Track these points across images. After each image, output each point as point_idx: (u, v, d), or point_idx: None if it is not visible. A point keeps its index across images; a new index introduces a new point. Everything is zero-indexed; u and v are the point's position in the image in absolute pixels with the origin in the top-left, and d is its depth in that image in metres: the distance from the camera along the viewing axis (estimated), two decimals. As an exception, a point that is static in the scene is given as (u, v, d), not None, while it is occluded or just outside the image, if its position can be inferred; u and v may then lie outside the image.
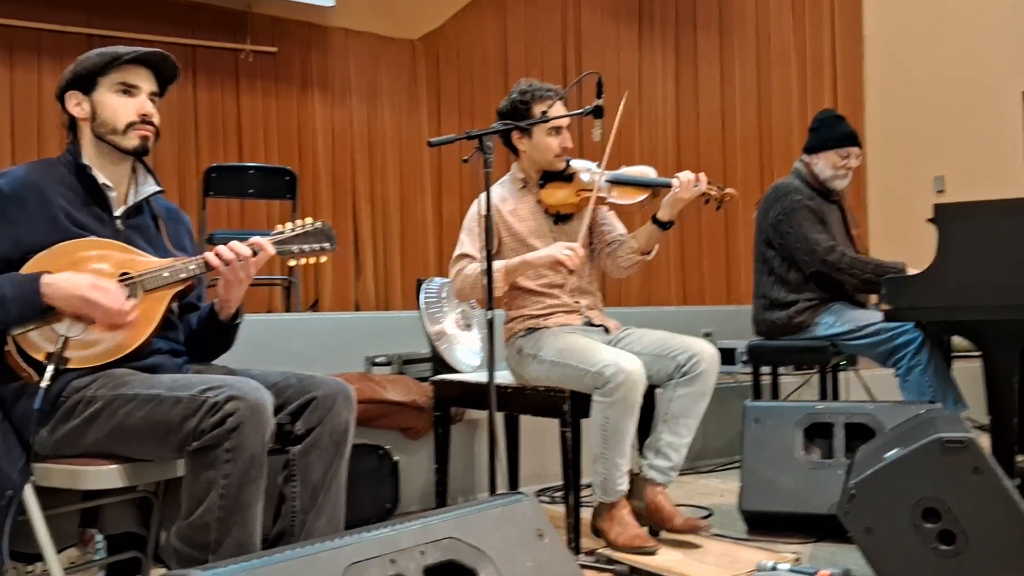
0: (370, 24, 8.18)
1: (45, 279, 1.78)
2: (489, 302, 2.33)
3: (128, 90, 1.95)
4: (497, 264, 2.67)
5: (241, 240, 1.96)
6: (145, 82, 1.97)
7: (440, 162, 8.35)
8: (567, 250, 2.58)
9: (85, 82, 1.94)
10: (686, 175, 2.72)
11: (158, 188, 2.04)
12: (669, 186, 2.74)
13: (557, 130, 2.79)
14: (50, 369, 1.77)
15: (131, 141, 1.95)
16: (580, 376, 2.57)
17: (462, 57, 8.27)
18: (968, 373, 3.38)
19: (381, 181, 8.20)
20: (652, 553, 2.50)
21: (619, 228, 2.98)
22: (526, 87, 2.80)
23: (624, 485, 2.58)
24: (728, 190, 2.81)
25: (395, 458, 3.12)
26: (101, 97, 1.94)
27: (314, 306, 7.22)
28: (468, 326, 3.55)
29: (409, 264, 8.23)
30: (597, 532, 2.65)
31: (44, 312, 1.79)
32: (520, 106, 2.77)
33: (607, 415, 2.50)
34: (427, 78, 8.50)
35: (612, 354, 2.54)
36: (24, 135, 6.67)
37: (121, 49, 1.95)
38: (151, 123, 1.96)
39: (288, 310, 5.34)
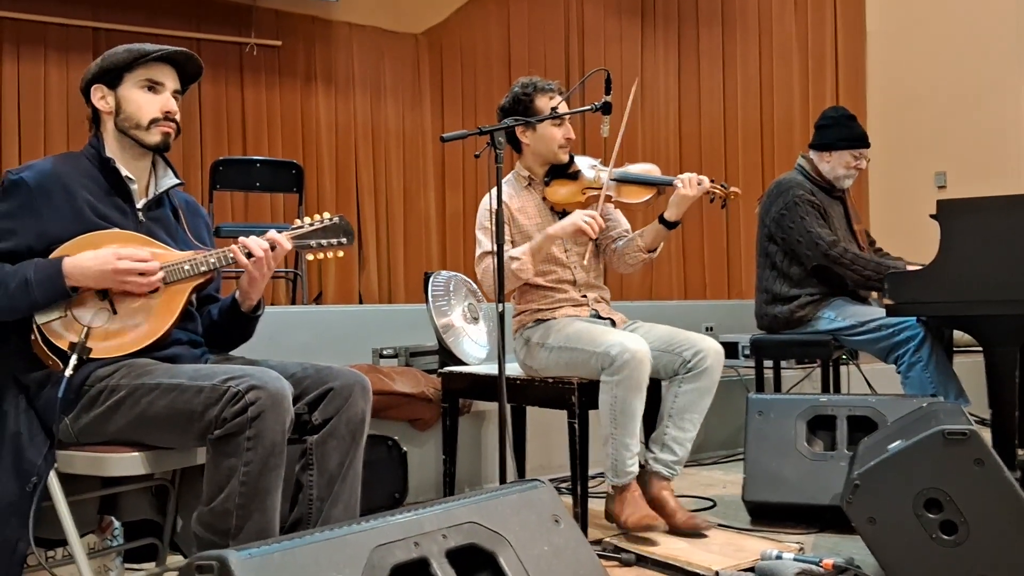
0: (373, 18, 8.21)
1: (67, 261, 1.81)
2: (499, 295, 2.36)
3: (153, 87, 1.99)
4: (522, 248, 2.72)
5: (258, 234, 2.01)
6: (169, 79, 2.02)
7: (443, 156, 8.38)
8: (587, 217, 2.64)
9: (111, 77, 1.98)
10: (687, 175, 2.76)
11: (178, 181, 2.08)
12: (671, 184, 2.78)
13: (560, 121, 2.84)
14: (73, 358, 1.81)
15: (154, 137, 2.00)
16: (587, 359, 2.61)
17: (465, 51, 8.30)
18: (970, 368, 3.43)
19: (384, 174, 8.24)
20: (657, 529, 2.55)
21: (624, 224, 3.02)
22: (527, 80, 2.86)
23: (634, 467, 2.61)
24: (732, 188, 2.84)
25: (404, 449, 3.16)
26: (126, 92, 1.98)
27: (318, 299, 7.27)
28: (475, 319, 3.59)
29: (412, 257, 8.27)
30: (610, 517, 2.67)
31: (67, 294, 1.82)
32: (523, 98, 2.82)
33: (615, 394, 2.54)
34: (430, 72, 8.53)
35: (618, 336, 2.59)
36: (30, 128, 6.70)
37: (148, 47, 1.99)
38: (173, 120, 2.01)
39: (293, 302, 5.39)
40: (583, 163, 2.91)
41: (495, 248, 2.36)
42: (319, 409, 1.91)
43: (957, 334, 3.44)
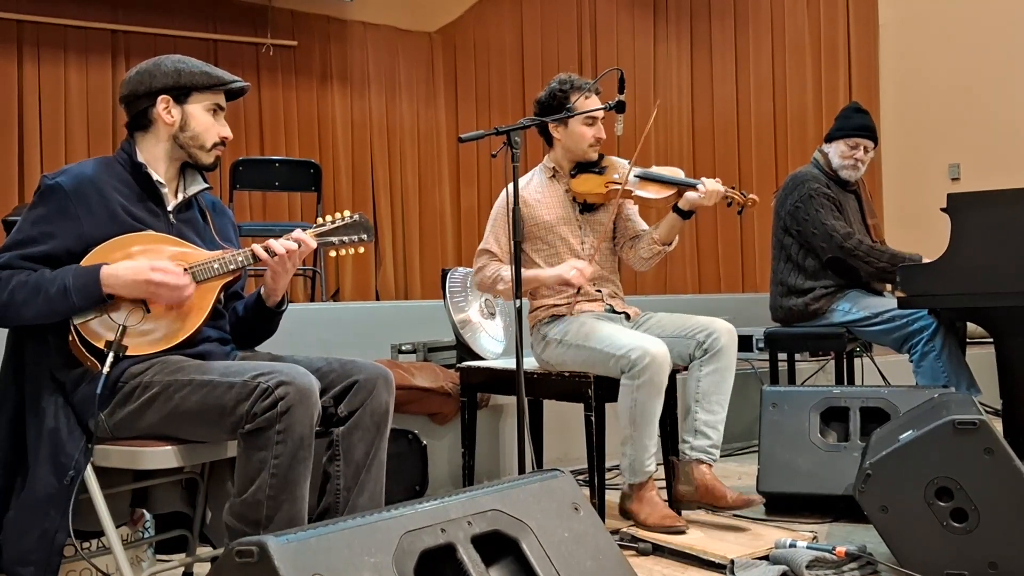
0: (388, 17, 8.26)
1: (105, 270, 1.88)
2: (516, 291, 2.41)
3: (217, 112, 2.10)
4: (508, 274, 2.75)
5: (279, 232, 2.08)
6: (224, 105, 2.13)
7: (458, 152, 8.43)
8: (574, 270, 2.72)
9: (181, 92, 2.05)
10: (711, 183, 2.80)
11: (206, 185, 2.15)
12: (694, 187, 2.83)
13: (591, 121, 2.89)
14: (110, 356, 1.87)
15: (210, 158, 2.10)
16: (606, 360, 2.66)
17: (479, 48, 8.34)
18: (982, 359, 3.45)
19: (400, 171, 8.28)
20: (682, 532, 2.58)
21: (642, 224, 3.08)
22: (566, 77, 2.92)
23: (652, 466, 2.67)
24: (751, 196, 2.89)
25: (424, 442, 3.22)
26: (194, 111, 2.06)
27: (335, 295, 7.34)
28: (492, 314, 3.64)
29: (428, 253, 8.32)
30: (626, 514, 2.72)
31: (103, 301, 1.89)
32: (559, 94, 2.89)
33: (635, 397, 2.59)
34: (444, 69, 8.57)
35: (637, 338, 2.64)
36: (50, 130, 6.77)
37: (226, 75, 2.11)
38: (224, 144, 2.13)
39: (312, 299, 5.46)
40: (613, 161, 2.97)
41: (511, 245, 2.42)
42: (344, 402, 1.97)
43: (970, 326, 3.47)
